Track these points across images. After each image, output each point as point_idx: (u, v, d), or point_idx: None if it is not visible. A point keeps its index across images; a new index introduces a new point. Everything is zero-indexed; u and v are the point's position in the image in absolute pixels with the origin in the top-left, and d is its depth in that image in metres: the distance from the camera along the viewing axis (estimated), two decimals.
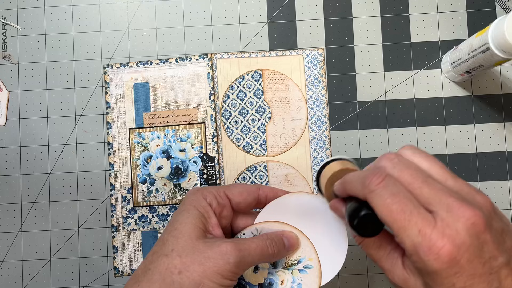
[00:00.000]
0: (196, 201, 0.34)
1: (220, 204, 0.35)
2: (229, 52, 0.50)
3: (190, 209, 0.34)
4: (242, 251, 0.31)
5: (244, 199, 0.36)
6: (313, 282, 0.35)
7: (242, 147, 0.50)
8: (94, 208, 0.50)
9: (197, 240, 0.32)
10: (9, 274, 0.50)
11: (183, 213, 0.33)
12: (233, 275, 0.31)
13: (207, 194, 0.35)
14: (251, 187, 0.36)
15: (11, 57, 0.51)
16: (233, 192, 0.36)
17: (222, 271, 0.30)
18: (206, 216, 0.34)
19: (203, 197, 0.35)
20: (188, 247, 0.31)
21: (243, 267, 0.32)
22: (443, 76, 0.50)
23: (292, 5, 0.50)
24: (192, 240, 0.32)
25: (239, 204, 0.36)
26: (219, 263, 0.30)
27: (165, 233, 0.33)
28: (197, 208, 0.34)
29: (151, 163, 0.50)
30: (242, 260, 0.31)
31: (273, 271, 0.36)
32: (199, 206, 0.34)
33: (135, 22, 0.51)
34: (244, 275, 0.36)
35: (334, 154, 0.49)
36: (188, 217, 0.33)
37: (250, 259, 0.32)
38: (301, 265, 0.36)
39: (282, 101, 0.50)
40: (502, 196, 0.49)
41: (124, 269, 0.49)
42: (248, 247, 0.32)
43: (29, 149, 0.50)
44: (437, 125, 0.49)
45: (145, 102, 0.50)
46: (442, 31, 0.50)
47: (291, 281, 0.36)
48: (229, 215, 0.36)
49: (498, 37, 0.38)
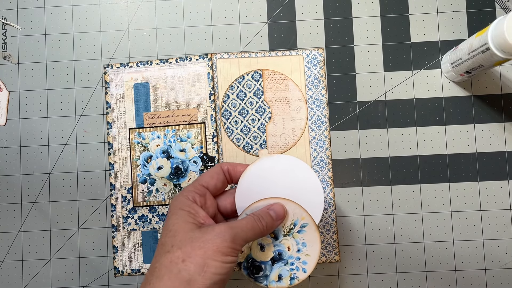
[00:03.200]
0: (180, 203, 0.37)
1: (201, 196, 0.39)
2: (229, 52, 0.50)
3: (177, 211, 0.37)
4: (234, 228, 0.35)
5: (216, 180, 0.40)
6: (313, 237, 0.39)
7: (242, 147, 0.50)
8: (94, 208, 0.50)
9: (192, 232, 0.35)
10: (9, 274, 0.50)
11: (172, 217, 0.36)
12: (232, 250, 0.34)
13: (187, 193, 0.38)
14: (215, 168, 0.41)
15: (11, 57, 0.51)
16: (205, 180, 0.40)
17: (221, 248, 0.34)
18: (193, 212, 0.37)
19: (185, 198, 0.38)
20: (186, 239, 0.34)
21: (240, 242, 0.35)
22: (443, 76, 0.50)
23: (292, 5, 0.50)
24: (188, 233, 0.35)
25: (216, 187, 0.40)
26: (217, 242, 0.34)
27: (162, 238, 0.36)
28: (183, 209, 0.37)
29: (151, 163, 0.50)
30: (237, 236, 0.35)
31: (277, 242, 0.40)
32: (184, 206, 0.37)
33: (135, 22, 0.51)
34: (255, 257, 0.40)
35: (334, 154, 0.50)
36: (178, 218, 0.36)
37: (243, 235, 0.36)
38: (297, 227, 0.40)
39: (282, 101, 0.50)
40: (502, 196, 0.49)
41: (124, 269, 0.49)
42: (240, 224, 0.36)
43: (29, 149, 0.50)
44: (437, 125, 0.49)
45: (145, 102, 0.50)
46: (442, 31, 0.50)
47: (295, 244, 0.40)
48: (213, 202, 0.40)
49: (498, 37, 0.38)
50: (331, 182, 0.49)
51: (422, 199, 0.49)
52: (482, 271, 0.48)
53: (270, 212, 0.38)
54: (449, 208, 0.49)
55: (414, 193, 0.49)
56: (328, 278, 0.49)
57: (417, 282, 0.49)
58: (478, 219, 0.49)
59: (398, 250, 0.49)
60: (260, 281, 0.40)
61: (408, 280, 0.49)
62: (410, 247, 0.49)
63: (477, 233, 0.49)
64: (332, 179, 0.49)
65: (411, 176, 0.49)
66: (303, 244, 0.40)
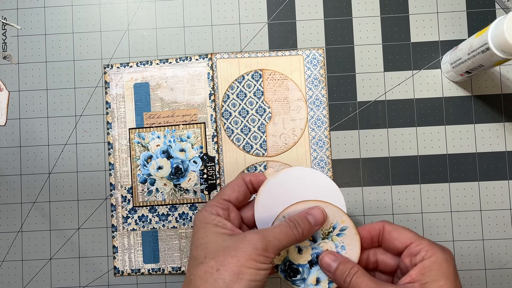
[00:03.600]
0: (204, 218, 0.37)
1: (224, 210, 0.38)
2: (229, 52, 0.50)
3: (203, 225, 0.37)
4: (266, 237, 0.34)
5: (238, 192, 0.39)
6: (353, 240, 0.38)
7: (242, 147, 0.50)
8: (94, 208, 0.50)
9: (224, 241, 0.35)
10: (9, 274, 0.50)
11: (200, 231, 0.36)
12: (265, 258, 0.34)
13: (210, 208, 0.38)
14: (236, 180, 0.40)
15: (11, 57, 0.51)
16: (227, 193, 0.39)
17: (254, 257, 0.33)
18: (220, 225, 0.36)
19: (209, 213, 0.37)
20: (219, 249, 0.34)
21: (272, 250, 0.34)
22: (443, 76, 0.50)
23: (292, 5, 0.50)
24: (219, 243, 0.35)
25: (238, 199, 0.39)
26: (249, 250, 0.33)
27: (193, 252, 0.36)
28: (208, 223, 0.37)
29: (151, 163, 0.50)
30: (269, 244, 0.34)
31: (315, 245, 0.39)
32: (209, 220, 0.37)
33: (135, 22, 0.51)
34: (292, 259, 0.39)
35: (334, 155, 0.49)
36: (206, 231, 0.36)
37: (276, 243, 0.35)
38: (336, 230, 0.38)
39: (282, 101, 0.50)
40: (502, 196, 0.49)
41: (124, 269, 0.49)
42: (273, 232, 0.35)
43: (29, 149, 0.50)
44: (437, 125, 0.49)
45: (145, 102, 0.50)
46: (442, 31, 0.50)
47: (334, 247, 0.39)
48: (237, 214, 0.39)
49: (498, 37, 0.38)
50: None
51: (422, 199, 0.49)
52: (482, 271, 0.48)
53: (308, 218, 0.37)
54: (449, 208, 0.49)
55: (414, 193, 0.49)
56: None
57: None
58: (478, 219, 0.49)
59: None
60: (298, 285, 0.39)
61: None
62: None
63: (477, 233, 0.49)
64: (332, 179, 0.49)
65: (411, 176, 0.49)
66: (342, 248, 0.38)
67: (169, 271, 0.49)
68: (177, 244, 0.49)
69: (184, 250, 0.49)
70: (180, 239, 0.49)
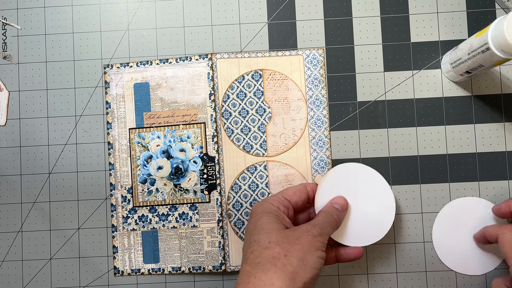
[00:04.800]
0: (267, 208, 0.41)
1: (285, 206, 0.42)
2: (229, 52, 0.50)
3: (265, 214, 0.40)
4: (318, 225, 0.40)
5: (299, 196, 0.43)
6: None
7: (242, 147, 0.50)
8: (94, 208, 0.50)
9: (284, 231, 0.39)
10: (9, 274, 0.50)
11: (263, 218, 0.40)
12: (322, 244, 0.38)
13: (271, 201, 0.42)
14: (299, 186, 0.44)
15: (11, 57, 0.51)
16: (289, 194, 0.43)
17: (314, 243, 0.38)
18: (280, 217, 0.40)
19: (271, 204, 0.41)
20: (281, 237, 0.38)
21: (325, 235, 0.39)
22: (443, 76, 0.50)
23: (292, 5, 0.50)
24: (281, 232, 0.38)
25: (297, 203, 0.43)
26: (309, 239, 0.38)
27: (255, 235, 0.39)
28: (271, 212, 0.40)
29: (151, 163, 0.50)
30: (321, 230, 0.39)
31: None
32: (271, 211, 0.41)
33: (135, 22, 0.51)
34: None
35: (334, 155, 0.50)
36: (268, 219, 0.40)
37: (326, 230, 0.40)
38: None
39: (282, 101, 0.50)
40: (502, 196, 0.49)
41: (124, 269, 0.49)
42: (320, 221, 0.40)
43: (29, 149, 0.50)
44: (437, 125, 0.49)
45: (145, 102, 0.50)
46: (442, 31, 0.50)
47: None
48: (292, 216, 0.43)
49: (498, 37, 0.38)
50: None
51: (422, 199, 0.49)
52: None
53: (335, 206, 0.43)
54: None
55: (414, 193, 0.49)
56: (328, 278, 0.49)
57: (417, 282, 0.49)
58: None
59: (398, 250, 0.49)
60: None
61: (408, 280, 0.49)
62: (410, 247, 0.49)
63: None
64: None
65: (411, 176, 0.49)
66: None
67: (169, 271, 0.49)
68: (177, 244, 0.49)
69: (184, 250, 0.49)
70: (180, 239, 0.49)
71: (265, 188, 0.49)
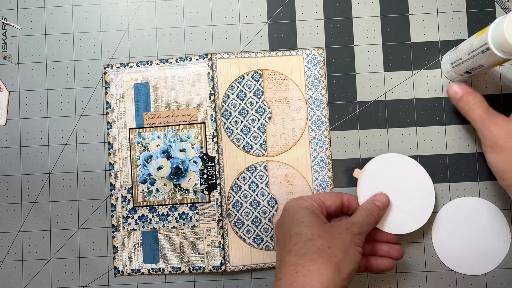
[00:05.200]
0: (303, 203, 0.42)
1: (320, 206, 0.43)
2: (229, 52, 0.50)
3: (303, 209, 0.41)
4: (357, 223, 0.40)
5: (334, 201, 0.44)
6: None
7: (242, 147, 0.50)
8: (94, 208, 0.50)
9: (324, 225, 0.40)
10: (9, 274, 0.50)
11: (301, 212, 0.41)
12: (361, 241, 0.39)
13: (307, 198, 0.43)
14: (335, 193, 0.45)
15: (11, 57, 0.51)
16: (324, 196, 0.44)
17: (354, 239, 0.39)
18: (317, 213, 0.41)
19: (305, 201, 0.42)
20: (322, 231, 0.39)
21: (363, 234, 0.40)
22: (443, 76, 0.50)
23: (292, 5, 0.50)
24: (321, 226, 0.39)
25: (330, 207, 0.44)
26: (349, 235, 0.39)
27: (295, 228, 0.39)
28: (308, 208, 0.41)
29: (151, 163, 0.50)
30: (361, 229, 0.40)
31: None
32: (309, 206, 0.42)
33: (135, 22, 0.51)
34: None
35: (334, 155, 0.49)
36: (307, 213, 0.41)
37: (364, 228, 0.41)
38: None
39: (282, 101, 0.50)
40: (502, 196, 0.49)
41: (124, 269, 0.49)
42: (359, 219, 0.41)
43: (29, 149, 0.50)
44: (437, 125, 0.49)
45: (145, 102, 0.50)
46: (442, 31, 0.50)
47: None
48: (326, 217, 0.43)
49: (498, 37, 0.38)
50: (331, 182, 0.49)
51: None
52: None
53: (376, 203, 0.43)
54: None
55: None
56: None
57: (417, 282, 0.49)
58: None
59: None
60: None
61: (408, 280, 0.49)
62: (410, 247, 0.49)
63: None
64: (332, 179, 0.49)
65: None
66: None
67: (169, 271, 0.49)
68: (177, 244, 0.49)
69: (184, 250, 0.49)
70: (180, 239, 0.49)
71: (265, 188, 0.49)
